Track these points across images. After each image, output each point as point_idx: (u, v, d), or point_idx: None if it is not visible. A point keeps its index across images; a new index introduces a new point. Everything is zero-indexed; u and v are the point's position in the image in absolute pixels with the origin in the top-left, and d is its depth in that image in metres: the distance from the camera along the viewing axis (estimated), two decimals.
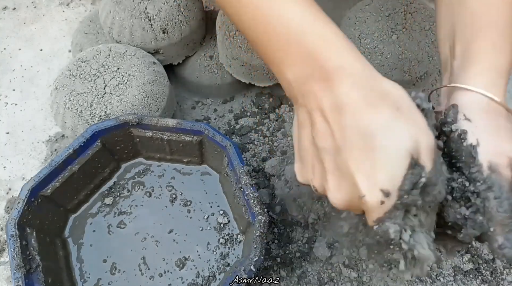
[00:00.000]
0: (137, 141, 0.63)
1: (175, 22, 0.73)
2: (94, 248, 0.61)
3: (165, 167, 0.67)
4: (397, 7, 0.75)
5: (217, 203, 0.64)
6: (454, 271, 0.63)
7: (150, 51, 0.75)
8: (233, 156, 0.57)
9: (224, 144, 0.58)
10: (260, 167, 0.72)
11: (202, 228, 0.62)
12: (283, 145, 0.74)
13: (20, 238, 0.51)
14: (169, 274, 0.59)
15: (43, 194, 0.56)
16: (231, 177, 0.58)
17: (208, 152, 0.63)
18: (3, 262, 0.68)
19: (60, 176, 0.58)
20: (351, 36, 0.74)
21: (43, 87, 0.87)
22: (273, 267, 0.63)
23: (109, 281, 0.58)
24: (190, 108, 0.84)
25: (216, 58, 0.80)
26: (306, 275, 0.62)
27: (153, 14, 0.72)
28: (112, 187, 0.65)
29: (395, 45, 0.72)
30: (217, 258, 0.59)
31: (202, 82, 0.81)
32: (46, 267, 0.53)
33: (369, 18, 0.75)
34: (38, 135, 0.81)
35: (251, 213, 0.54)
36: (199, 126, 0.59)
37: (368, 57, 0.72)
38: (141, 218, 0.63)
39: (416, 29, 0.73)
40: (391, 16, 0.74)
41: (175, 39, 0.74)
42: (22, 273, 0.49)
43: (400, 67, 0.71)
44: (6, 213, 0.73)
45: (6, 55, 0.92)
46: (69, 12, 0.99)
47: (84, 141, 0.58)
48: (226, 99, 0.84)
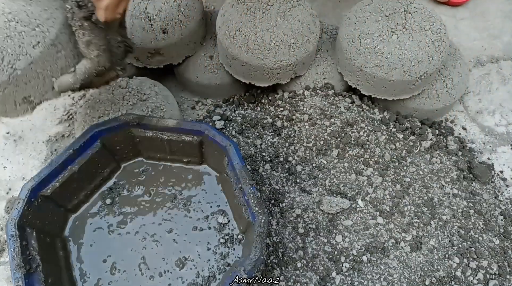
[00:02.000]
0: (137, 141, 0.63)
1: (175, 22, 0.73)
2: (94, 248, 0.60)
3: (165, 167, 0.67)
4: (397, 7, 0.75)
5: (217, 203, 0.64)
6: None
7: (150, 51, 0.75)
8: (233, 156, 0.57)
9: (224, 144, 0.58)
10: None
11: (202, 228, 0.62)
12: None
13: (20, 238, 0.51)
14: (169, 274, 0.59)
15: (43, 194, 0.56)
16: (231, 177, 0.58)
17: (208, 152, 0.63)
18: (3, 262, 0.68)
19: (60, 176, 0.58)
20: (351, 36, 0.74)
21: None
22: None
23: (109, 281, 0.58)
24: (190, 108, 0.84)
25: (216, 58, 0.80)
26: None
27: (153, 14, 0.72)
28: (112, 187, 0.65)
29: (395, 45, 0.72)
30: (217, 258, 0.59)
31: (202, 82, 0.81)
32: (46, 267, 0.53)
33: (369, 18, 0.75)
34: (38, 135, 0.81)
35: (251, 213, 0.54)
36: (199, 126, 0.59)
37: (368, 57, 0.72)
38: (141, 218, 0.63)
39: (416, 29, 0.73)
40: (391, 16, 0.74)
41: (175, 39, 0.74)
42: (22, 273, 0.49)
43: (400, 67, 0.71)
44: (6, 213, 0.73)
45: None
46: None
47: (84, 141, 0.58)
48: (226, 99, 0.84)
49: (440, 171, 0.75)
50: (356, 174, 0.72)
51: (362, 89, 0.77)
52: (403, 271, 0.64)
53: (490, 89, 0.90)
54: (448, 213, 0.70)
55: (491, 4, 1.05)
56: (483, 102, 0.88)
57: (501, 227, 0.70)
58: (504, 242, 0.68)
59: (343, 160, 0.73)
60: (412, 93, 0.76)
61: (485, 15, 1.03)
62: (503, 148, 0.82)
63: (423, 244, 0.66)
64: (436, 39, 0.73)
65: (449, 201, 0.71)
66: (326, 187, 0.71)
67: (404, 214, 0.69)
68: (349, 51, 0.74)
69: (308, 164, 0.73)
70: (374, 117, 0.79)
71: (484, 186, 0.75)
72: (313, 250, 0.65)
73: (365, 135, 0.76)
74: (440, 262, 0.65)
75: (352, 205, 0.69)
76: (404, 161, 0.75)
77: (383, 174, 0.72)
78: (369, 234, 0.67)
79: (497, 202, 0.73)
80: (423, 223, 0.68)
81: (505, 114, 0.87)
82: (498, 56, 0.96)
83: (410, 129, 0.79)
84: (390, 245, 0.66)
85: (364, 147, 0.75)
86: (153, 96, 0.72)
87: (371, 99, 0.82)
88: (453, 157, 0.77)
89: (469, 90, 0.90)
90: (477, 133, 0.84)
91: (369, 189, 0.71)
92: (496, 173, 0.78)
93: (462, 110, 0.87)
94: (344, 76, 0.79)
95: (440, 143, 0.79)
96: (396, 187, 0.71)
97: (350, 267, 0.64)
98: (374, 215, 0.68)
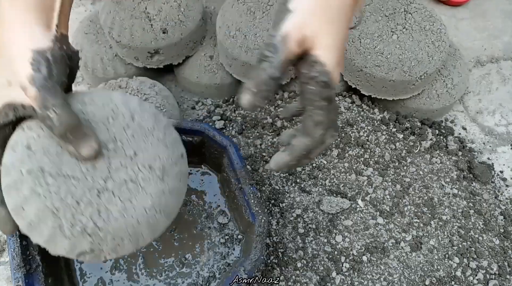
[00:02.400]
0: None
1: (175, 22, 0.73)
2: None
3: None
4: (397, 7, 0.75)
5: (217, 203, 0.64)
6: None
7: (150, 51, 0.75)
8: (233, 156, 0.57)
9: (224, 144, 0.58)
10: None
11: (202, 228, 0.62)
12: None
13: (20, 238, 0.51)
14: (169, 274, 0.59)
15: None
16: (231, 177, 0.58)
17: (208, 152, 0.63)
18: (3, 262, 0.68)
19: None
20: (351, 36, 0.74)
21: None
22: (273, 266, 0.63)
23: (109, 280, 0.58)
24: (190, 108, 0.84)
25: (216, 58, 0.80)
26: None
27: (153, 14, 0.72)
28: None
29: (395, 45, 0.72)
30: (217, 258, 0.59)
31: (202, 82, 0.81)
32: (46, 267, 0.53)
33: (369, 18, 0.75)
34: None
35: (251, 213, 0.54)
36: (199, 126, 0.60)
37: (368, 57, 0.72)
38: None
39: (416, 29, 0.73)
40: (391, 16, 0.74)
41: (175, 39, 0.74)
42: (22, 273, 0.49)
43: (400, 67, 0.71)
44: None
45: None
46: None
47: None
48: (226, 99, 0.84)
49: (440, 171, 0.75)
50: (356, 174, 0.72)
51: (362, 89, 0.77)
52: (403, 271, 0.64)
53: (490, 89, 0.90)
54: (448, 213, 0.70)
55: (491, 4, 1.05)
56: (483, 102, 0.88)
57: (501, 227, 0.70)
58: (504, 242, 0.68)
59: (343, 160, 0.73)
60: (412, 93, 0.76)
61: (485, 15, 1.03)
62: (503, 148, 0.82)
63: (423, 244, 0.67)
64: (436, 39, 0.73)
65: (449, 201, 0.71)
66: (326, 187, 0.71)
67: (404, 214, 0.69)
68: (349, 51, 0.74)
69: (308, 164, 0.73)
70: (374, 117, 0.79)
71: (484, 186, 0.75)
72: (313, 250, 0.65)
73: (365, 135, 0.76)
74: (440, 262, 0.65)
75: (352, 205, 0.69)
76: (404, 161, 0.75)
77: (383, 174, 0.72)
78: (369, 234, 0.67)
79: (497, 202, 0.73)
80: (423, 223, 0.68)
81: (505, 114, 0.87)
82: (498, 56, 0.96)
83: (410, 129, 0.79)
84: (390, 245, 0.66)
85: (364, 147, 0.75)
86: (153, 96, 0.72)
87: (371, 99, 0.82)
88: (453, 157, 0.77)
89: (469, 90, 0.90)
90: (477, 133, 0.84)
91: (369, 189, 0.71)
92: (496, 173, 0.78)
93: (462, 110, 0.87)
94: (344, 76, 0.79)
95: (440, 143, 0.79)
96: (396, 187, 0.71)
97: (350, 267, 0.64)
98: (374, 215, 0.68)
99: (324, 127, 0.41)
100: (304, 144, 0.42)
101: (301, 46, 0.37)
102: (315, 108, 0.40)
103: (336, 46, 0.38)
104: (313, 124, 0.40)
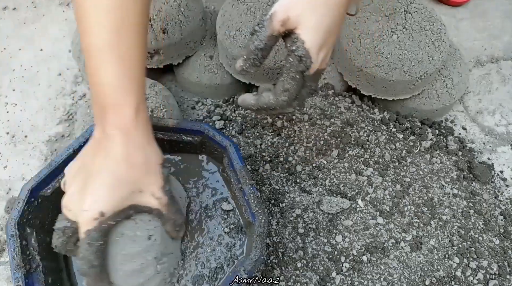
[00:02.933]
0: None
1: (175, 22, 0.73)
2: None
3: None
4: (397, 7, 0.75)
5: (220, 190, 0.62)
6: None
7: (150, 51, 0.75)
8: (233, 156, 0.57)
9: (224, 144, 0.58)
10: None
11: (206, 216, 0.60)
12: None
13: (20, 238, 0.51)
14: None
15: (43, 194, 0.56)
16: (231, 177, 0.58)
17: (208, 152, 0.63)
18: (3, 262, 0.68)
19: (60, 176, 0.57)
20: (351, 36, 0.74)
21: (43, 87, 0.87)
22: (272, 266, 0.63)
23: None
24: (190, 108, 0.84)
25: (216, 58, 0.80)
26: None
27: (153, 14, 0.72)
28: None
29: (395, 45, 0.72)
30: (223, 250, 0.58)
31: (202, 82, 0.81)
32: (46, 267, 0.53)
33: (369, 18, 0.75)
34: (38, 135, 0.81)
35: (251, 213, 0.54)
36: (199, 126, 0.59)
37: (368, 57, 0.72)
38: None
39: (416, 29, 0.73)
40: (391, 16, 0.74)
41: (175, 39, 0.74)
42: (22, 273, 0.49)
43: (400, 67, 0.71)
44: (6, 213, 0.73)
45: (6, 55, 0.92)
46: (69, 12, 0.99)
47: (84, 141, 0.58)
48: (226, 99, 0.84)
49: (440, 171, 0.75)
50: (356, 174, 0.72)
51: (362, 89, 0.77)
52: (403, 271, 0.64)
53: (490, 89, 0.90)
54: (448, 213, 0.70)
55: (491, 4, 1.05)
56: (483, 102, 0.88)
57: (501, 227, 0.70)
58: (504, 242, 0.68)
59: (343, 160, 0.73)
60: (412, 93, 0.76)
61: (485, 15, 1.03)
62: (503, 148, 0.82)
63: (423, 244, 0.67)
64: (436, 39, 0.73)
65: (449, 201, 0.71)
66: (326, 187, 0.71)
67: (404, 214, 0.69)
68: (349, 51, 0.74)
69: (308, 164, 0.73)
70: (374, 117, 0.79)
71: (484, 186, 0.75)
72: (313, 250, 0.65)
73: (365, 135, 0.76)
74: (440, 262, 0.65)
75: (352, 205, 0.69)
76: (404, 161, 0.75)
77: (383, 174, 0.72)
78: (369, 234, 0.67)
79: (497, 202, 0.73)
80: (423, 223, 0.68)
81: (505, 114, 0.87)
82: (498, 56, 0.96)
83: (410, 129, 0.79)
84: (390, 245, 0.66)
85: (364, 147, 0.75)
86: (153, 96, 0.72)
87: (371, 99, 0.82)
88: (453, 157, 0.77)
89: (469, 90, 0.90)
90: (477, 133, 0.84)
91: (369, 189, 0.71)
92: (496, 173, 0.78)
93: (462, 110, 0.87)
94: (344, 76, 0.79)
95: (440, 143, 0.79)
96: (396, 187, 0.71)
97: (350, 267, 0.64)
98: (374, 215, 0.68)
99: (290, 96, 0.48)
100: (267, 100, 0.50)
101: (284, 25, 0.44)
102: (288, 77, 0.47)
103: (319, 29, 0.44)
104: (281, 89, 0.48)
